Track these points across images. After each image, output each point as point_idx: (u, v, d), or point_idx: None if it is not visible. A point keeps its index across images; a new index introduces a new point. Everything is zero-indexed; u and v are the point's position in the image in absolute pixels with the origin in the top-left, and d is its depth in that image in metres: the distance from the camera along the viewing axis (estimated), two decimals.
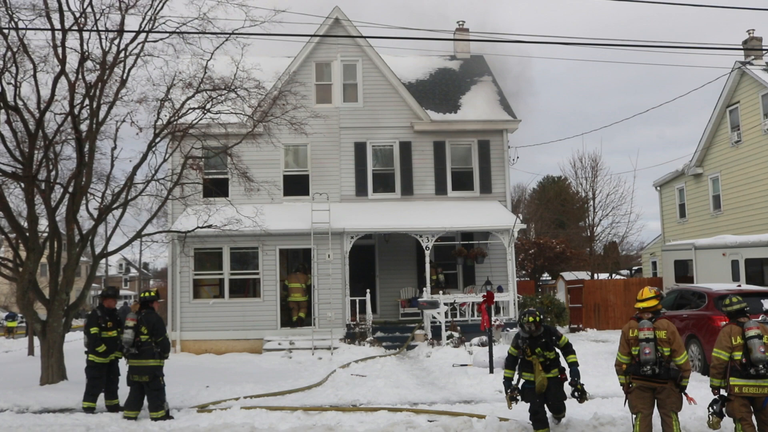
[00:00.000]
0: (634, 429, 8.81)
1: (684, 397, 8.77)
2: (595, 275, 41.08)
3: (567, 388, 10.41)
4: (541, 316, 10.36)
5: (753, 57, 27.83)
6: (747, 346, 8.45)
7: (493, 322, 18.75)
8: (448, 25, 30.19)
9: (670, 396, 8.67)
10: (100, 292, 14.25)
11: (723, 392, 8.69)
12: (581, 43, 14.72)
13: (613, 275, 44.91)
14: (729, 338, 8.62)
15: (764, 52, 27.38)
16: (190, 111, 17.78)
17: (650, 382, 8.67)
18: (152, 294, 12.84)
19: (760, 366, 8.35)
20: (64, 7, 15.52)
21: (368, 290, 22.40)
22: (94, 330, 13.03)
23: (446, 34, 28.65)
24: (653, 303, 8.88)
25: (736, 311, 8.81)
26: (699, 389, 12.79)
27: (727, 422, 8.83)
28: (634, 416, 8.86)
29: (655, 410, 8.85)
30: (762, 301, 15.89)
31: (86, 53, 16.04)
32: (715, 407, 8.68)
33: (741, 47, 21.04)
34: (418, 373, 17.13)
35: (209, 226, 19.05)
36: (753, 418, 8.65)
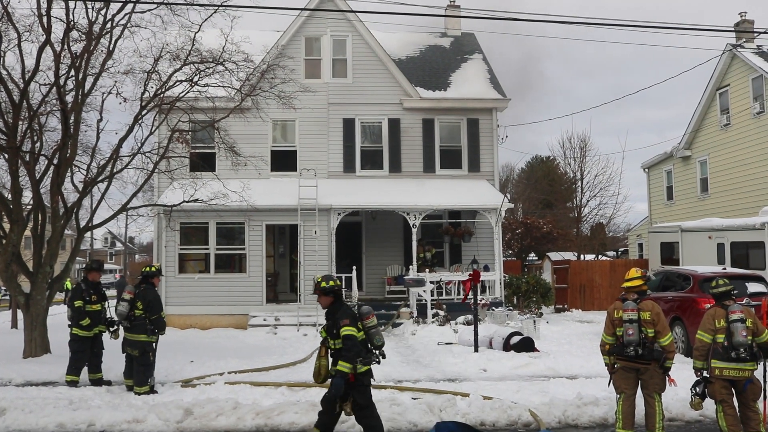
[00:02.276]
0: (618, 409, 8.84)
1: (666, 379, 8.80)
2: (582, 256, 41.20)
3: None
4: (336, 286, 8.38)
5: (744, 40, 27.80)
6: (729, 330, 8.47)
7: (479, 301, 18.78)
8: (441, 1, 29.92)
9: (653, 377, 8.69)
10: (84, 266, 14.17)
11: (705, 374, 8.72)
12: (573, 21, 14.62)
13: (600, 256, 45.06)
14: (713, 321, 8.64)
15: (756, 34, 27.35)
16: (178, 84, 17.62)
17: (634, 363, 8.69)
18: (153, 269, 12.79)
19: (741, 350, 8.38)
20: None
21: (354, 267, 22.36)
22: (78, 303, 12.97)
23: (437, 11, 28.44)
24: (639, 283, 8.89)
25: (721, 293, 8.82)
26: (682, 371, 12.86)
27: (709, 403, 8.88)
28: (618, 396, 8.89)
29: (639, 391, 8.87)
30: (746, 284, 15.98)
31: (72, 23, 15.84)
32: (697, 389, 8.71)
33: (732, 29, 21.00)
34: (403, 350, 17.16)
35: (195, 201, 18.91)
36: (734, 400, 8.69)
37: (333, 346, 8.22)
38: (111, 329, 13.11)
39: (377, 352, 8.36)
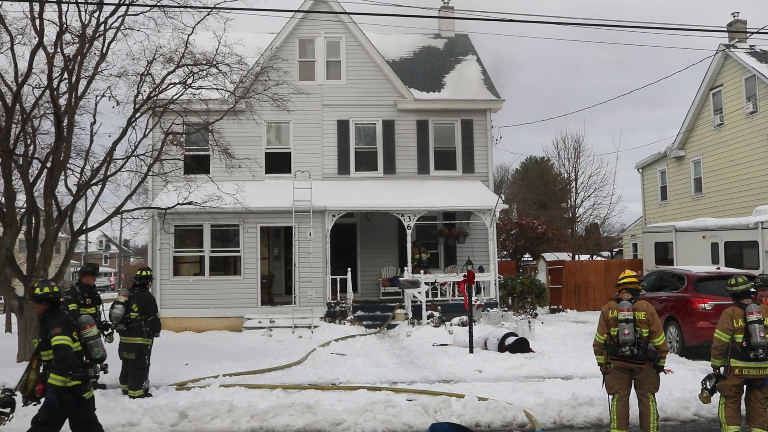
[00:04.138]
0: (612, 409, 8.85)
1: (662, 374, 8.81)
2: (576, 256, 41.25)
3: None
4: (51, 293, 7.94)
5: (737, 40, 27.87)
6: (748, 331, 8.42)
7: (473, 302, 18.79)
8: (435, 3, 30.05)
9: (647, 377, 8.70)
10: (79, 269, 14.16)
11: (722, 371, 8.68)
12: (567, 22, 14.65)
13: (594, 257, 45.14)
14: (730, 320, 8.55)
15: (748, 34, 27.42)
16: (171, 86, 17.59)
17: (628, 363, 8.70)
18: (147, 273, 12.85)
19: (760, 351, 8.35)
20: None
21: (349, 269, 22.35)
22: (72, 307, 12.92)
23: (431, 12, 28.46)
24: (634, 280, 8.92)
25: (740, 292, 8.74)
26: (677, 371, 12.93)
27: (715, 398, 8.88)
28: (611, 397, 8.90)
29: (633, 391, 8.89)
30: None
31: (65, 26, 15.78)
32: (708, 383, 8.71)
33: (725, 29, 21.02)
34: (398, 352, 17.16)
35: (190, 203, 18.88)
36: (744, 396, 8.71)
37: (45, 357, 7.64)
38: (105, 332, 13.08)
39: (98, 366, 7.85)
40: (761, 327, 8.36)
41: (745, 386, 8.64)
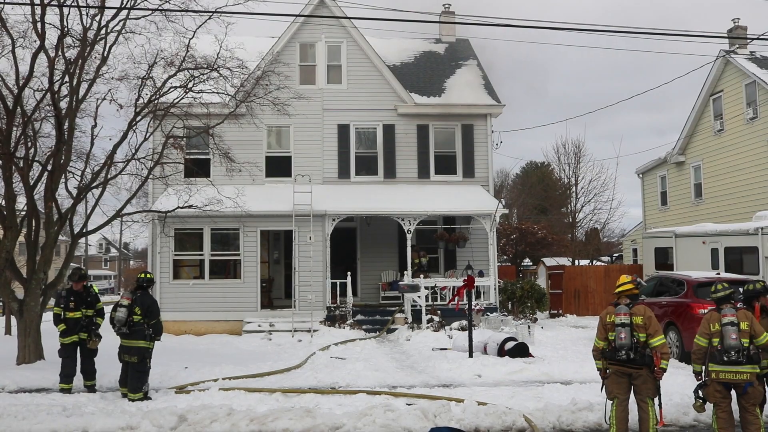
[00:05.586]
0: (611, 414, 8.86)
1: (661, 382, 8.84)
2: (576, 261, 41.24)
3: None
4: None
5: (737, 46, 27.90)
6: (722, 333, 8.53)
7: (473, 307, 18.77)
8: (436, 7, 30.15)
9: (646, 382, 8.72)
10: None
11: (703, 376, 8.77)
12: (567, 28, 14.67)
13: (594, 262, 45.12)
14: (708, 325, 8.72)
15: (749, 41, 27.44)
16: (172, 90, 17.60)
17: (626, 368, 8.72)
18: (149, 276, 12.86)
19: (732, 353, 8.43)
20: None
21: (349, 273, 22.35)
22: (56, 310, 12.96)
23: (432, 17, 28.49)
24: (630, 286, 8.98)
25: (721, 298, 8.85)
26: (676, 376, 12.94)
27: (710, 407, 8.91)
28: (609, 402, 8.92)
29: (632, 396, 8.90)
30: (740, 289, 15.98)
31: (66, 29, 15.82)
32: (700, 392, 8.78)
33: (725, 35, 21.02)
34: (397, 356, 17.14)
35: (190, 207, 18.90)
36: (734, 403, 8.73)
37: None
38: (92, 337, 12.94)
39: None
40: (734, 329, 8.46)
41: (733, 394, 8.69)
